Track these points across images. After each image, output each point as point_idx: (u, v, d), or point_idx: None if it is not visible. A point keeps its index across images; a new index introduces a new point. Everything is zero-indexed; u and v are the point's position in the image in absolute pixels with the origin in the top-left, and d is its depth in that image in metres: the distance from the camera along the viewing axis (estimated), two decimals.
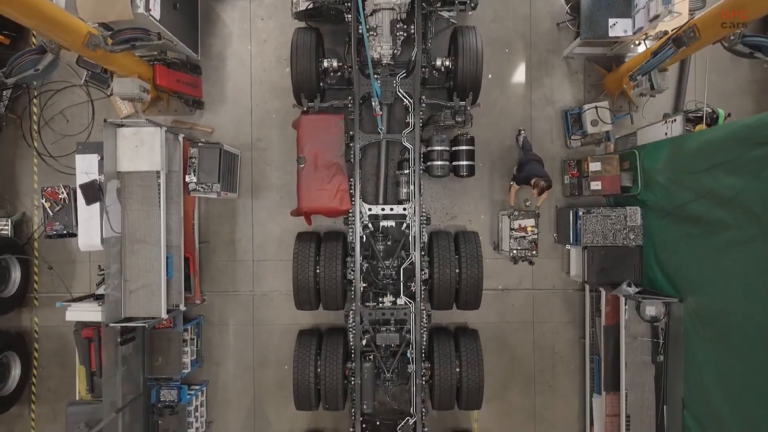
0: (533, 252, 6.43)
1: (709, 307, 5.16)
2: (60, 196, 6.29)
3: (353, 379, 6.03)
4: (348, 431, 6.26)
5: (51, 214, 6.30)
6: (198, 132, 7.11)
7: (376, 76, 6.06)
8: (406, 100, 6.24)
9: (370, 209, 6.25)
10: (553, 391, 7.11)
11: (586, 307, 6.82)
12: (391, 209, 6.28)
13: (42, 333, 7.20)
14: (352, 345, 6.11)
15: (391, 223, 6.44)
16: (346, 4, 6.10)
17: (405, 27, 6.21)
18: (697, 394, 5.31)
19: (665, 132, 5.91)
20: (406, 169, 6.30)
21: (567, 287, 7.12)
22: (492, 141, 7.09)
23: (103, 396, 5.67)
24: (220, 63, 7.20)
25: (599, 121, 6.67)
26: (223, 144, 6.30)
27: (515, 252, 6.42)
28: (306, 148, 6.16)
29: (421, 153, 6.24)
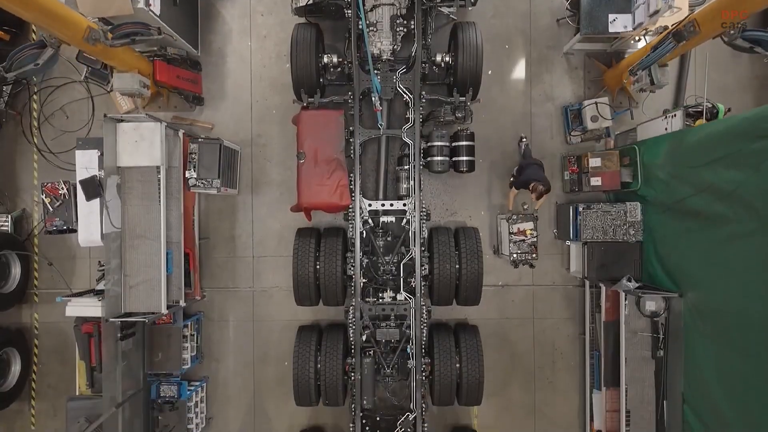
0: (533, 255, 6.43)
1: (709, 301, 5.16)
2: (60, 192, 6.30)
3: (353, 375, 6.02)
4: (348, 427, 6.27)
5: (51, 209, 6.30)
6: (198, 128, 7.11)
7: (376, 72, 6.06)
8: (406, 96, 6.24)
9: (370, 205, 6.25)
10: (553, 387, 7.11)
11: (586, 302, 6.82)
12: (391, 205, 6.29)
13: (42, 329, 7.20)
14: (352, 341, 6.10)
15: (391, 218, 6.43)
16: (345, 0, 6.10)
17: (405, 23, 6.22)
18: (697, 388, 5.31)
19: (665, 127, 5.91)
20: (406, 165, 6.29)
21: (567, 283, 7.12)
22: (492, 137, 7.09)
23: (103, 391, 5.67)
24: (220, 59, 7.20)
25: (599, 116, 6.67)
26: (223, 140, 6.30)
27: (515, 255, 6.43)
28: (306, 144, 6.16)
29: (421, 149, 6.24)
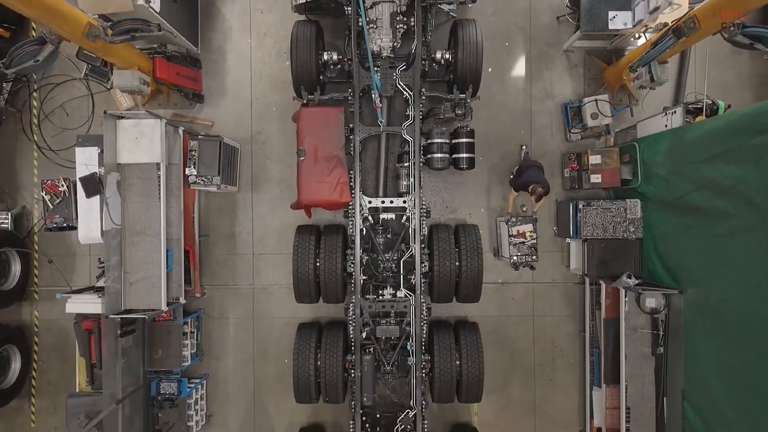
0: (533, 257, 6.42)
1: (709, 298, 5.16)
2: (60, 189, 6.29)
3: (353, 372, 6.02)
4: (348, 424, 6.26)
5: (51, 206, 6.29)
6: (198, 125, 7.11)
7: (376, 69, 6.06)
8: (406, 93, 6.24)
9: (370, 202, 6.25)
10: (553, 385, 7.11)
11: (586, 300, 6.83)
12: (391, 202, 6.29)
13: (42, 326, 7.20)
14: (352, 338, 6.10)
15: (391, 215, 6.43)
16: None
17: (405, 20, 6.22)
18: (698, 385, 5.31)
19: (665, 124, 5.91)
20: (406, 162, 6.29)
21: (567, 281, 7.12)
22: (492, 134, 7.09)
23: (103, 387, 5.66)
24: (220, 56, 7.19)
25: (599, 114, 6.67)
26: (223, 137, 6.30)
27: (516, 258, 6.41)
28: (306, 141, 6.16)
29: (421, 146, 6.24)
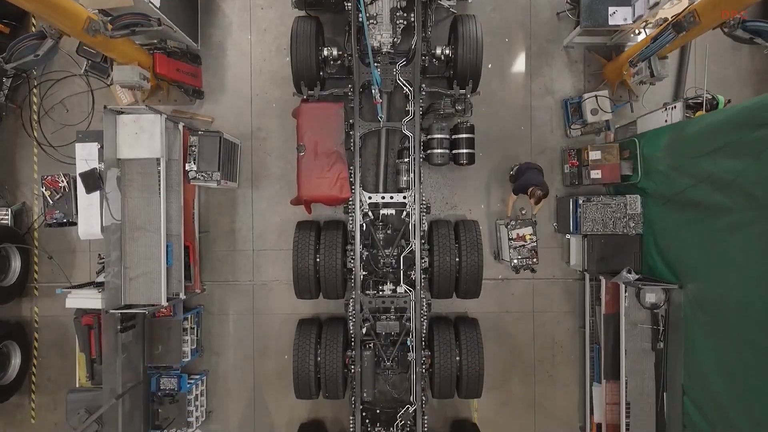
0: (534, 260, 6.40)
1: (709, 292, 5.16)
2: (60, 185, 6.29)
3: (353, 368, 6.02)
4: (348, 420, 6.26)
5: (51, 202, 6.31)
6: (198, 122, 7.11)
7: (376, 65, 6.05)
8: (406, 89, 6.24)
9: (370, 197, 6.24)
10: (553, 381, 7.11)
11: (586, 295, 6.82)
12: (391, 197, 6.28)
13: (42, 323, 7.20)
14: (352, 333, 6.10)
15: (391, 211, 6.42)
16: None
17: (405, 15, 6.21)
18: (697, 380, 5.31)
19: (665, 119, 5.91)
20: (406, 158, 6.28)
21: (567, 277, 7.12)
22: (492, 130, 7.08)
23: (103, 383, 5.66)
24: (220, 53, 7.19)
25: (599, 110, 6.66)
26: (223, 132, 6.30)
27: (516, 261, 6.39)
28: (306, 137, 6.16)
29: (421, 141, 6.24)
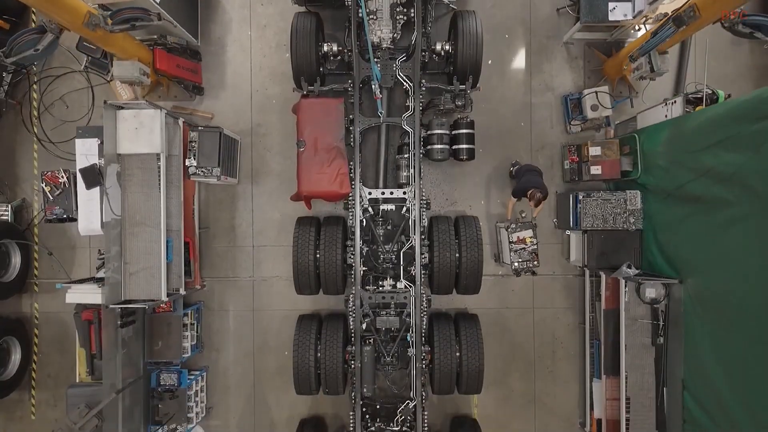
0: (534, 263, 6.39)
1: (709, 287, 5.16)
2: (60, 180, 6.29)
3: (353, 363, 6.01)
4: (348, 416, 6.26)
5: (51, 198, 6.30)
6: (198, 118, 7.10)
7: (376, 60, 6.06)
8: (406, 84, 6.24)
9: (370, 193, 6.25)
10: (553, 377, 7.11)
11: (586, 291, 6.82)
12: (391, 193, 6.28)
13: (42, 319, 7.20)
14: (352, 329, 6.10)
15: (391, 207, 6.42)
16: None
17: (405, 11, 6.22)
18: (697, 375, 5.31)
19: (665, 114, 5.91)
20: (406, 153, 6.28)
21: (567, 273, 7.12)
22: (492, 127, 7.09)
23: (103, 377, 5.67)
24: (220, 49, 7.19)
25: (599, 105, 6.66)
26: (223, 128, 6.30)
27: (517, 264, 6.35)
28: (306, 132, 6.16)
29: (421, 137, 6.23)
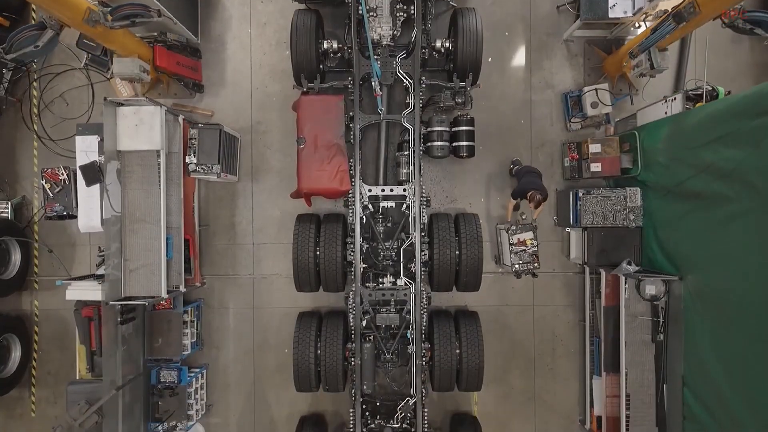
0: (535, 264, 6.37)
1: (709, 283, 5.16)
2: (60, 178, 6.29)
3: (353, 360, 6.02)
4: (348, 413, 6.26)
5: (51, 195, 6.30)
6: (198, 115, 7.10)
7: (376, 57, 6.05)
8: (406, 81, 6.24)
9: (370, 190, 6.24)
10: (553, 374, 7.11)
11: (586, 288, 6.82)
12: (391, 190, 6.28)
13: (42, 316, 7.20)
14: (352, 326, 6.10)
15: (391, 204, 6.41)
16: None
17: (405, 8, 6.23)
18: (698, 371, 5.31)
19: (665, 111, 5.91)
20: (406, 150, 6.28)
21: (567, 270, 7.12)
22: (492, 124, 7.09)
23: (103, 374, 5.67)
24: (220, 46, 7.19)
25: (599, 103, 6.67)
26: (223, 125, 6.30)
27: (517, 266, 6.32)
28: (306, 129, 6.16)
29: (421, 134, 6.23)
